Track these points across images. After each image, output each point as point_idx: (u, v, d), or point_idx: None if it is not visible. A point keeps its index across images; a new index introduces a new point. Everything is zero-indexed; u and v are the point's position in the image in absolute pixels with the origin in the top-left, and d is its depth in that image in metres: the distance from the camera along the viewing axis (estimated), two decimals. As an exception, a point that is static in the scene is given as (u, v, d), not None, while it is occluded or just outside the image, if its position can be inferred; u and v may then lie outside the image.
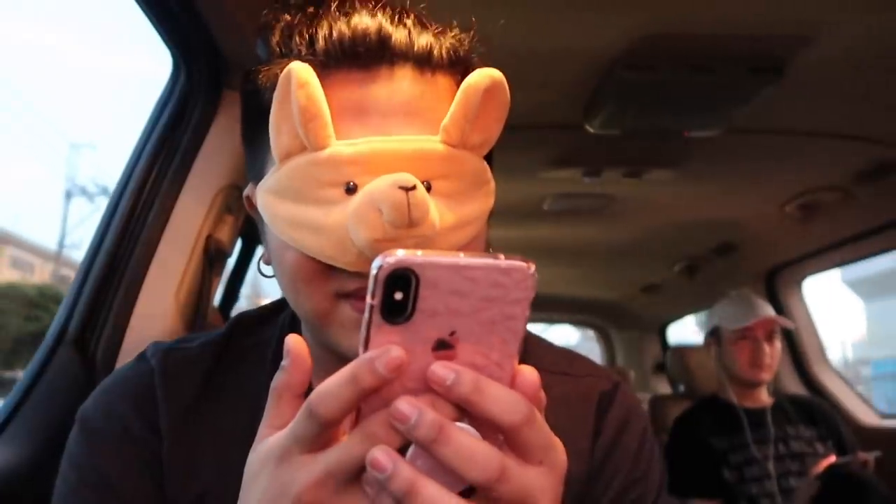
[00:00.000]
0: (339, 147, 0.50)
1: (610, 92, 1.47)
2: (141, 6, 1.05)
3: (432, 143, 0.52)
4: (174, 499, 0.59)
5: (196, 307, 1.24)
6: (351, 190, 0.51)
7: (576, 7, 1.20)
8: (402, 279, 0.34)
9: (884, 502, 1.63)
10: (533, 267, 0.36)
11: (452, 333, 0.36)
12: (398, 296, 0.35)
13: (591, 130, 1.64)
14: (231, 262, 1.63)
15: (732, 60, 1.36)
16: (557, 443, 0.39)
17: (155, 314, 1.15)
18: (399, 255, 0.34)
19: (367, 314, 0.35)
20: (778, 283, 2.79)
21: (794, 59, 1.34)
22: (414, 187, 0.48)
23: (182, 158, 1.21)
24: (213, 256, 1.26)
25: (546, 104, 1.59)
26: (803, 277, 2.80)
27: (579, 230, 2.71)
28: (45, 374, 1.02)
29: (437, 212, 0.51)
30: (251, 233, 1.75)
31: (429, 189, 0.52)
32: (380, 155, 0.50)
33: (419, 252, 0.35)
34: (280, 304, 0.71)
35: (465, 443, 0.35)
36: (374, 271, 0.35)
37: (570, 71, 1.43)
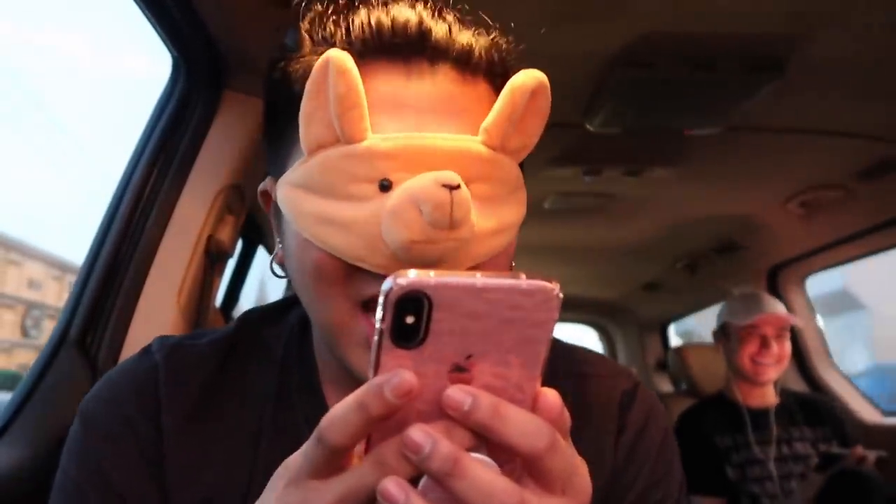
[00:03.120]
0: (375, 140, 0.48)
1: (610, 90, 1.46)
2: (141, 7, 1.05)
3: (473, 143, 0.50)
4: (177, 499, 0.58)
5: (197, 308, 1.24)
6: (385, 187, 0.48)
7: (575, 4, 1.20)
8: (414, 302, 0.32)
9: (888, 502, 1.62)
10: (557, 287, 0.33)
11: (469, 357, 0.34)
12: (409, 319, 0.32)
13: (592, 129, 1.64)
14: (232, 262, 1.63)
15: (733, 58, 1.35)
16: (581, 468, 0.37)
17: (156, 315, 1.15)
18: (410, 276, 0.32)
19: (376, 337, 0.33)
20: (780, 280, 2.78)
21: (794, 56, 1.34)
22: (458, 186, 0.46)
23: (182, 159, 1.21)
24: (214, 257, 1.26)
25: (546, 103, 1.58)
26: (805, 275, 2.80)
27: (580, 229, 2.70)
28: (47, 375, 1.02)
29: (476, 214, 0.49)
30: (252, 233, 1.76)
31: None
32: (418, 151, 0.48)
33: (432, 273, 0.32)
34: (289, 302, 0.69)
35: (482, 477, 0.33)
36: (383, 293, 0.32)
37: (571, 69, 1.42)
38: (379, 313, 0.33)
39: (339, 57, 0.47)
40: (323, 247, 0.50)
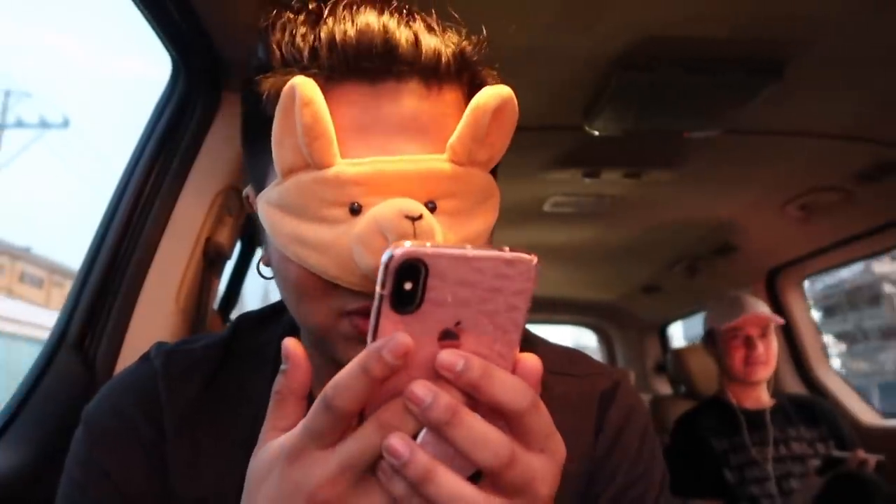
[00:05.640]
0: (343, 167, 0.50)
1: (610, 93, 1.47)
2: (140, 9, 1.05)
3: (438, 162, 0.51)
4: (176, 500, 0.59)
5: (196, 310, 1.23)
6: (355, 211, 0.50)
7: (575, 8, 1.20)
8: (412, 269, 0.35)
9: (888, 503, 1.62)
10: (535, 259, 0.37)
11: (458, 324, 0.37)
12: (408, 286, 0.35)
13: (591, 131, 1.64)
14: (231, 264, 1.62)
15: (732, 61, 1.35)
16: (557, 431, 0.39)
17: (155, 317, 1.15)
18: (408, 245, 0.35)
19: (376, 303, 0.36)
20: (778, 283, 2.78)
21: (793, 59, 1.34)
22: (420, 216, 0.48)
23: (181, 160, 1.21)
24: (212, 259, 1.26)
25: (546, 105, 1.58)
26: (804, 278, 2.80)
27: (579, 231, 2.70)
28: (44, 378, 1.02)
29: (442, 235, 0.51)
30: (251, 234, 1.75)
31: (434, 209, 0.51)
32: (385, 176, 0.50)
33: (428, 243, 0.36)
34: (283, 305, 0.69)
35: (478, 427, 0.36)
36: (384, 261, 0.35)
37: (570, 72, 1.43)
38: (379, 280, 0.36)
39: (303, 86, 0.48)
40: (301, 265, 0.52)
